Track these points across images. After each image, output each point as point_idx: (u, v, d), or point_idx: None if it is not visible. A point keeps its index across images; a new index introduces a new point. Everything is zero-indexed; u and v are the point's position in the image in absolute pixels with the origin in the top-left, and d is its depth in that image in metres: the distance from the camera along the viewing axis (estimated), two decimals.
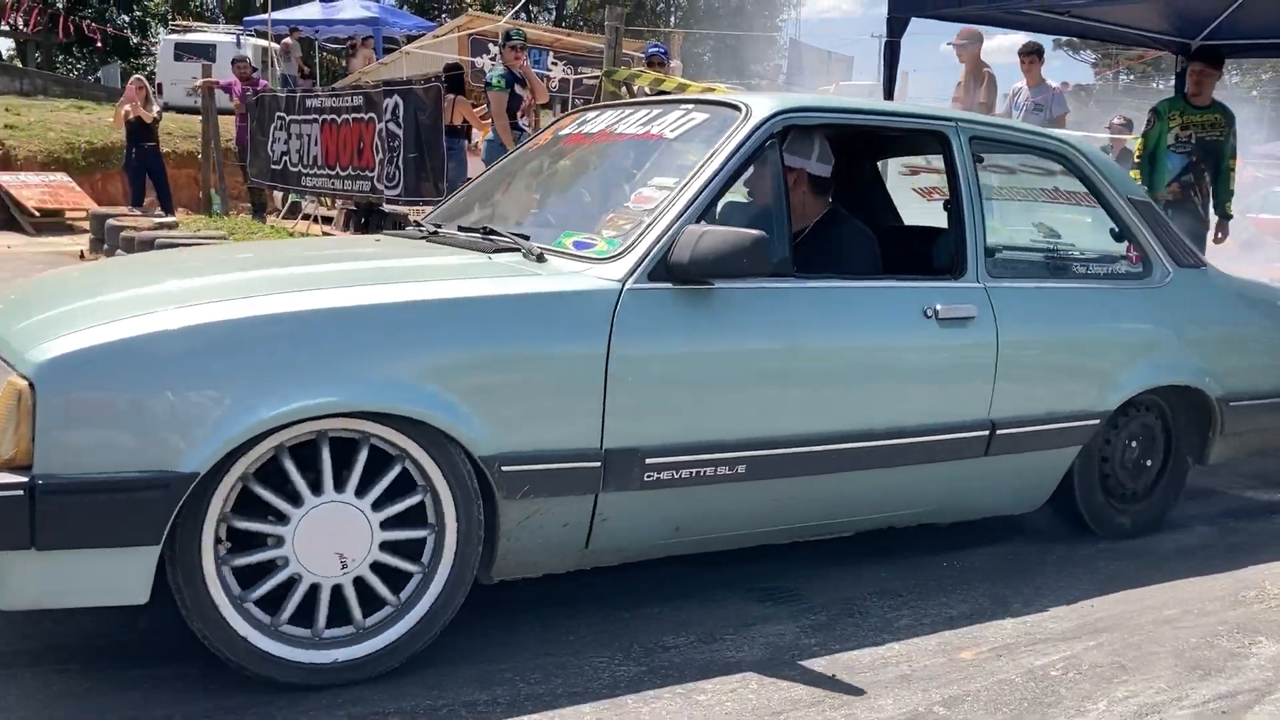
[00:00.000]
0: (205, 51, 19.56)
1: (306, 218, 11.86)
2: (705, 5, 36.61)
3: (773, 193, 2.99)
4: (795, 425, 2.90)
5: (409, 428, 2.42)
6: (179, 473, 2.19)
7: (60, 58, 32.32)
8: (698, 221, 2.78)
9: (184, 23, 26.93)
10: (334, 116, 9.43)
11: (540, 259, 2.79)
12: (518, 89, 8.19)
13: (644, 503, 2.73)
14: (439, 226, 3.36)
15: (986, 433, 3.24)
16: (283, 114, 10.36)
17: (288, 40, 17.49)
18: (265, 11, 20.12)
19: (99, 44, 21.85)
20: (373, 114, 8.79)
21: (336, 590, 2.44)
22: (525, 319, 2.56)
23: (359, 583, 2.46)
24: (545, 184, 3.62)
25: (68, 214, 13.13)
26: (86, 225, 11.69)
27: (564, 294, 2.63)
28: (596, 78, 14.31)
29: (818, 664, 2.68)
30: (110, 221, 10.05)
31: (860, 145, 4.01)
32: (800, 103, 3.21)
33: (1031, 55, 7.81)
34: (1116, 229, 3.74)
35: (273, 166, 10.69)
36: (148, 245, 8.07)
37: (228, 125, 12.79)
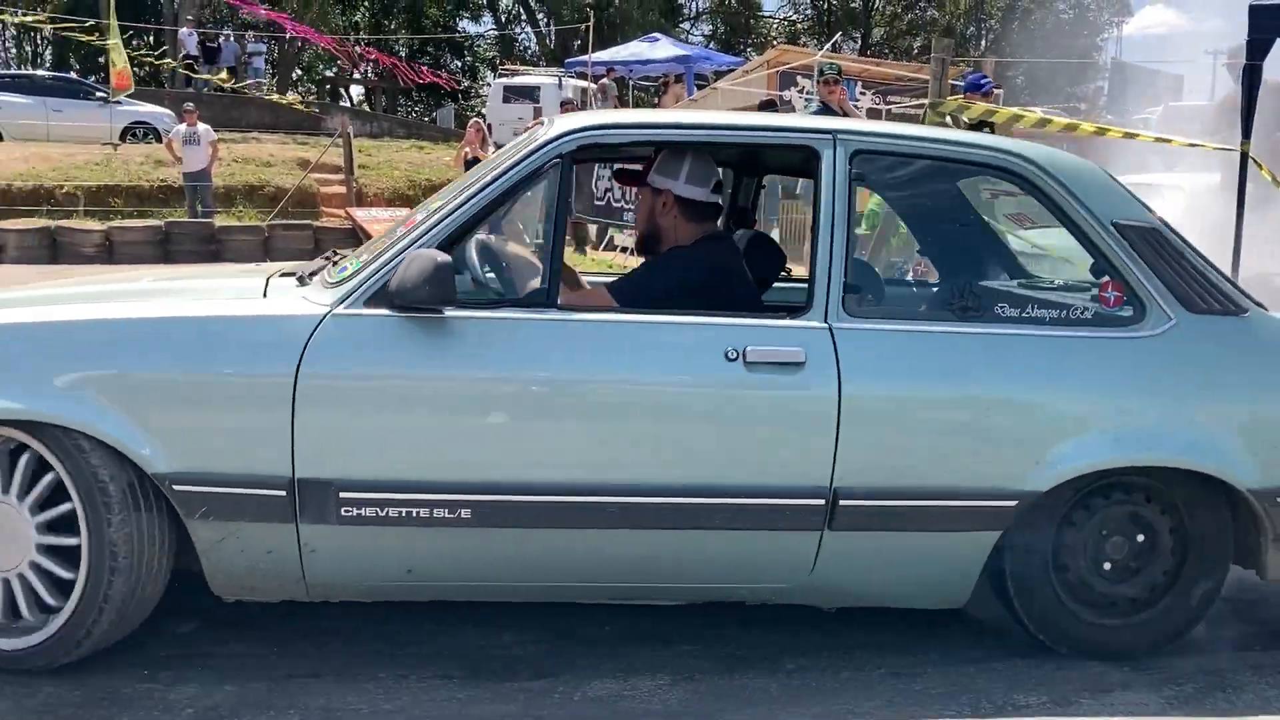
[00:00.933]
0: (530, 93, 20.90)
1: (620, 249, 12.37)
2: (1019, 27, 35.25)
3: (550, 219, 2.77)
4: (535, 472, 2.62)
5: (46, 435, 2.53)
6: None
7: (401, 101, 35.47)
8: (446, 246, 2.64)
9: (511, 67, 28.88)
10: None
11: (301, 282, 2.82)
12: None
13: (354, 538, 2.62)
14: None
15: (823, 501, 2.70)
16: None
17: (604, 80, 18.39)
18: (583, 53, 21.23)
19: (419, 88, 23.71)
20: None
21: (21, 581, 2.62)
22: (209, 341, 2.59)
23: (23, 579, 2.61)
24: None
25: None
26: None
27: (255, 318, 2.65)
28: (909, 107, 14.11)
29: None
30: None
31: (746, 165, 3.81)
32: (604, 119, 2.90)
33: None
34: (1095, 262, 2.99)
35: (596, 202, 11.24)
36: None
37: None
